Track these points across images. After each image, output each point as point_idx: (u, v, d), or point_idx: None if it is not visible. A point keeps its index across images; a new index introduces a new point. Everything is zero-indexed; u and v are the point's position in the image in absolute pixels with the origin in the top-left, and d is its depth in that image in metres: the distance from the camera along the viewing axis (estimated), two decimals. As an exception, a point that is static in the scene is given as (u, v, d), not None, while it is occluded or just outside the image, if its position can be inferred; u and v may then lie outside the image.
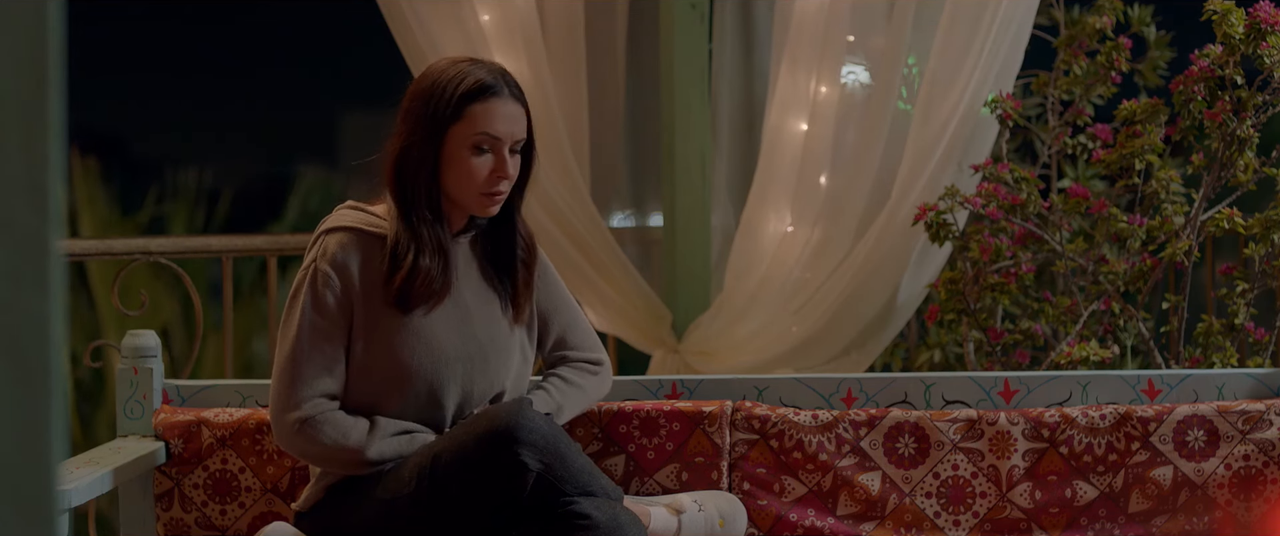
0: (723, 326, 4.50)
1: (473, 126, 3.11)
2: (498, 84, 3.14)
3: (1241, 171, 4.01)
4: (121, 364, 3.58)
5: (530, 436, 2.97)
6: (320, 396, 3.12)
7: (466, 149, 3.12)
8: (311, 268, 3.15)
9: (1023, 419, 3.49)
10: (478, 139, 3.12)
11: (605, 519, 3.03)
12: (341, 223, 3.17)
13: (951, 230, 4.14)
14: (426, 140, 3.12)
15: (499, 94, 3.13)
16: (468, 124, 3.11)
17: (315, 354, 3.12)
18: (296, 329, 3.13)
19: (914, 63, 4.40)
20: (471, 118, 3.11)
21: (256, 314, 8.33)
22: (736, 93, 4.76)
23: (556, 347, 3.38)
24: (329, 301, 3.13)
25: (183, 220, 8.95)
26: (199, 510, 3.51)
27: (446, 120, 3.12)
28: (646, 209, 5.03)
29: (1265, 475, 3.47)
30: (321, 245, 3.16)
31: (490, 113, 3.12)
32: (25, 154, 1.23)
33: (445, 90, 3.12)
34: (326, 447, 3.11)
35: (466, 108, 3.11)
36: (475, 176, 3.13)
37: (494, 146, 3.13)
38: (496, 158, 3.14)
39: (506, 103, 3.14)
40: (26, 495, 1.24)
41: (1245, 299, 4.07)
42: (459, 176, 3.13)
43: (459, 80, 3.13)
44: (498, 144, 3.13)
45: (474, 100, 3.12)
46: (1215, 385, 3.58)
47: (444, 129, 3.12)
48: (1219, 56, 3.99)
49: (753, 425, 3.50)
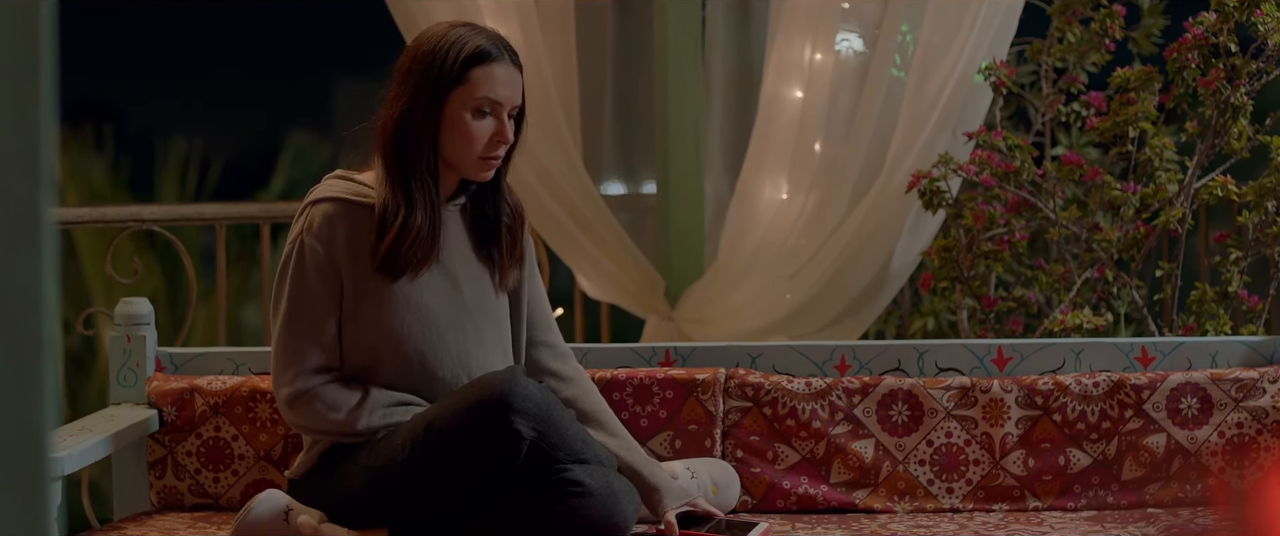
0: (716, 293, 4.50)
1: (475, 90, 3.12)
2: (498, 49, 3.15)
3: (1235, 139, 4.00)
4: (114, 331, 3.58)
5: (523, 403, 2.97)
6: (311, 371, 3.13)
7: (468, 112, 3.13)
8: (298, 241, 3.15)
9: (1016, 386, 3.49)
10: (479, 102, 3.13)
11: (599, 486, 3.03)
12: (328, 193, 3.17)
13: (945, 197, 4.14)
14: (428, 104, 3.12)
15: (500, 59, 3.15)
16: (470, 87, 3.12)
17: (305, 328, 3.13)
18: (287, 304, 3.14)
19: (908, 30, 4.39)
20: (474, 82, 3.12)
21: (245, 282, 8.32)
22: (730, 60, 4.75)
23: (529, 334, 3.36)
24: (316, 275, 3.12)
25: (173, 188, 8.93)
26: (192, 477, 3.51)
27: (449, 84, 3.12)
28: (640, 176, 5.02)
29: (1258, 443, 3.47)
30: (308, 217, 3.16)
31: (492, 77, 3.13)
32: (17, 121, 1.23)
33: (448, 54, 3.12)
34: (317, 421, 3.13)
35: (469, 71, 3.12)
36: (476, 140, 3.13)
37: (495, 111, 3.14)
38: (498, 122, 3.15)
39: (507, 68, 3.16)
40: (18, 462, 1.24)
41: (1239, 266, 4.07)
42: (458, 140, 3.14)
43: (461, 44, 3.13)
44: (499, 108, 3.14)
45: (477, 64, 3.12)
46: (1208, 353, 3.59)
47: (446, 92, 3.12)
48: (1213, 24, 3.99)
49: (746, 392, 3.50)
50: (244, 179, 9.71)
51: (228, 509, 3.48)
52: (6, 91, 1.23)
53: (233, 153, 10.32)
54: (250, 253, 8.35)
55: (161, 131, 9.46)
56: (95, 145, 8.91)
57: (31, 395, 1.24)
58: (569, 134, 4.50)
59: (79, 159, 8.79)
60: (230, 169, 9.30)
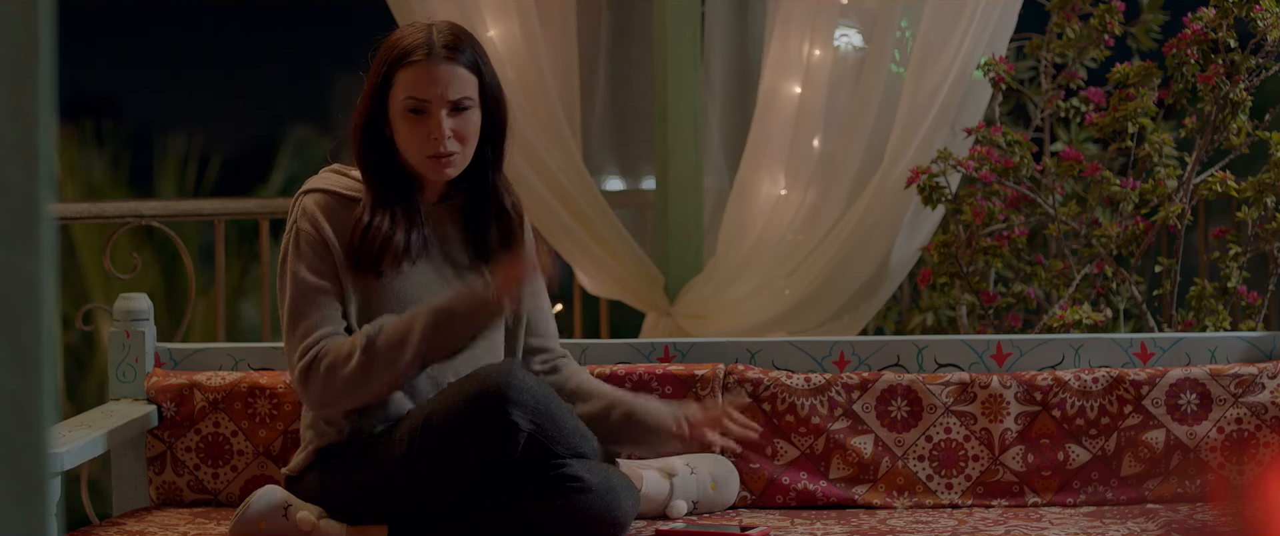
0: (715, 289, 4.50)
1: (402, 91, 3.13)
2: (423, 47, 3.13)
3: (1234, 135, 4.00)
4: (113, 327, 3.58)
5: (521, 396, 2.97)
6: (315, 343, 3.10)
7: (402, 115, 3.14)
8: (294, 229, 3.16)
9: (1015, 382, 3.49)
10: (407, 102, 3.13)
11: (598, 480, 3.03)
12: (319, 185, 3.19)
13: (944, 193, 4.14)
14: (373, 108, 3.16)
15: (426, 57, 3.12)
16: (399, 89, 3.14)
17: (310, 309, 3.11)
18: (290, 288, 3.13)
19: (907, 25, 4.39)
20: (401, 83, 3.14)
21: (244, 277, 8.32)
22: (729, 55, 4.75)
23: (528, 332, 3.31)
24: (314, 257, 3.12)
25: (172, 184, 8.93)
26: (191, 473, 3.51)
27: (383, 88, 3.15)
28: (639, 172, 5.02)
29: (1258, 438, 3.47)
30: (300, 206, 3.17)
31: (415, 76, 3.12)
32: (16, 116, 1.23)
33: (382, 59, 3.16)
34: (333, 381, 3.05)
35: (395, 74, 3.14)
36: (412, 140, 3.13)
37: (426, 108, 3.12)
38: (431, 118, 3.12)
39: (436, 65, 3.12)
40: (17, 457, 1.24)
41: (1238, 262, 4.07)
42: (402, 141, 3.15)
43: (392, 48, 3.15)
44: (428, 105, 3.12)
45: (400, 66, 3.14)
46: (1207, 348, 3.59)
47: (384, 97, 3.16)
48: (1212, 19, 3.99)
49: (745, 388, 3.50)
50: (243, 174, 9.72)
51: (227, 504, 3.48)
52: (6, 86, 1.22)
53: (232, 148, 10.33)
54: (249, 248, 8.35)
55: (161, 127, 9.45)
56: (95, 140, 8.91)
57: (30, 391, 1.24)
58: (568, 129, 4.50)
59: (78, 154, 8.79)
60: (230, 164, 9.30)
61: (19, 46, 1.22)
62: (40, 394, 1.24)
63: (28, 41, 1.22)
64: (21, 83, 1.22)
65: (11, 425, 1.23)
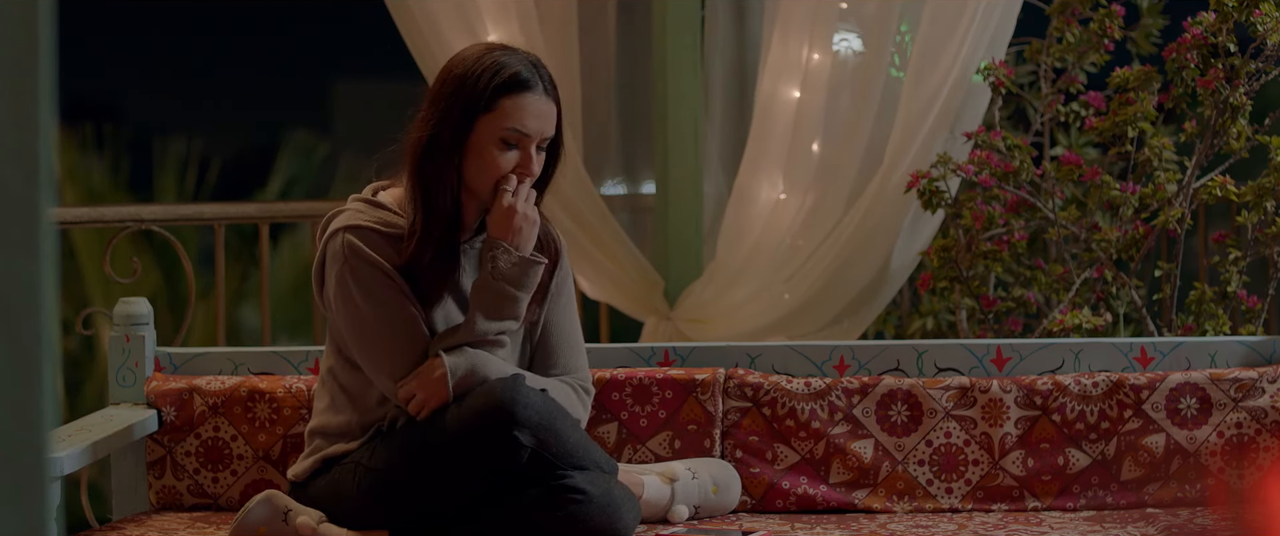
0: (715, 294, 4.50)
1: (504, 120, 3.05)
2: (533, 78, 3.07)
3: (1234, 139, 4.00)
4: (113, 331, 3.58)
5: (526, 413, 2.96)
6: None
7: (493, 142, 3.06)
8: (347, 269, 3.07)
9: (1015, 386, 3.49)
10: (506, 133, 3.05)
11: (599, 493, 3.03)
12: (353, 222, 3.10)
13: (944, 197, 4.14)
14: (455, 128, 3.05)
15: (533, 89, 3.07)
16: (499, 117, 3.05)
17: (400, 330, 3.08)
18: (373, 323, 3.07)
19: (906, 29, 4.39)
20: (503, 111, 3.05)
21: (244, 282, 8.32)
22: (728, 60, 4.75)
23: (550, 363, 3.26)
24: (381, 281, 3.07)
25: (172, 188, 8.93)
26: (191, 478, 3.51)
27: (478, 110, 3.05)
28: (639, 176, 5.02)
29: (1258, 443, 3.47)
30: (345, 243, 3.09)
31: (522, 107, 3.06)
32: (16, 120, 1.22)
33: (480, 79, 3.05)
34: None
35: (500, 99, 3.04)
36: (497, 171, 3.06)
37: (521, 142, 3.07)
38: (522, 154, 3.08)
39: (540, 99, 3.08)
40: (17, 461, 1.24)
41: (1238, 266, 4.07)
42: (480, 168, 3.07)
43: (495, 70, 3.05)
44: (526, 140, 3.07)
45: (508, 92, 3.05)
46: (1207, 353, 3.59)
47: (474, 118, 3.05)
48: (1212, 24, 3.98)
49: (745, 392, 3.49)
50: (243, 179, 9.71)
51: (227, 509, 3.48)
52: (5, 89, 1.22)
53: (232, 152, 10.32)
54: (249, 252, 8.34)
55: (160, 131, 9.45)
56: (94, 145, 8.91)
57: (31, 394, 1.24)
58: (569, 134, 4.49)
59: (78, 158, 8.79)
60: (229, 169, 9.30)
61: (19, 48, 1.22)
62: (40, 397, 1.24)
63: (27, 44, 1.22)
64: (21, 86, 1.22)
65: (12, 428, 1.23)
